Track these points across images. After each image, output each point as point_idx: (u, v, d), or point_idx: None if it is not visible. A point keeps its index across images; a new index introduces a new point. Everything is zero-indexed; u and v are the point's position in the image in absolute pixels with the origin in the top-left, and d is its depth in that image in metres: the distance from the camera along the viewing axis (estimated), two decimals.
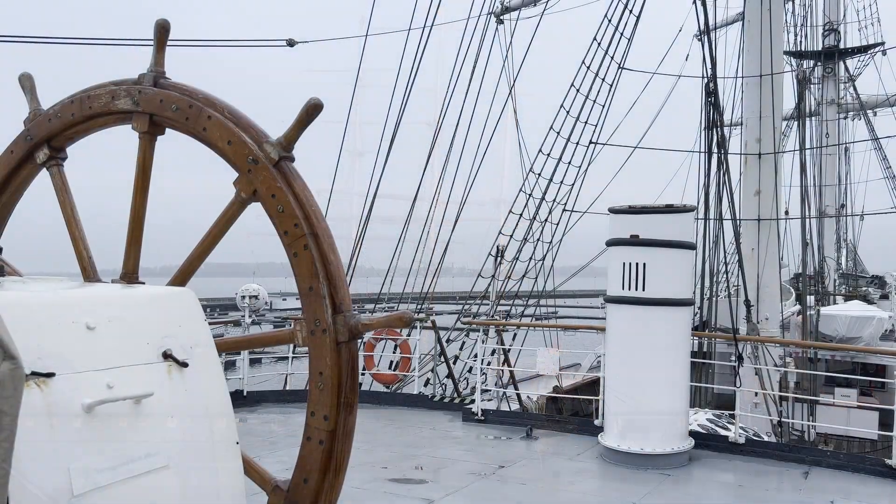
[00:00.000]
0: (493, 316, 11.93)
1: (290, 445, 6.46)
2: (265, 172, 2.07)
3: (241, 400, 8.27)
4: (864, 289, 26.69)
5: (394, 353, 9.68)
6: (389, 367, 9.77)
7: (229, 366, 9.87)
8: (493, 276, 11.96)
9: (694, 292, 8.98)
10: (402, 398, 8.67)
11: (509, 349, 10.66)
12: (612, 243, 6.20)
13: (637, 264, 5.95)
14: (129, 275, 2.33)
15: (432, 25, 11.06)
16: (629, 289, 5.99)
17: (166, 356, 1.79)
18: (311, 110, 2.05)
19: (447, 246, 13.25)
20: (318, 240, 2.04)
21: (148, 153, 2.31)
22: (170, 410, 1.77)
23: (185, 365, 1.82)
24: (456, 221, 13.25)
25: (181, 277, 2.26)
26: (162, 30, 2.28)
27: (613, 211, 6.22)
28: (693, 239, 6.45)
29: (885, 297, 25.51)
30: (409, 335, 8.95)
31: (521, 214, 12.21)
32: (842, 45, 24.37)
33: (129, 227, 2.33)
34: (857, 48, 24.88)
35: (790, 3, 17.73)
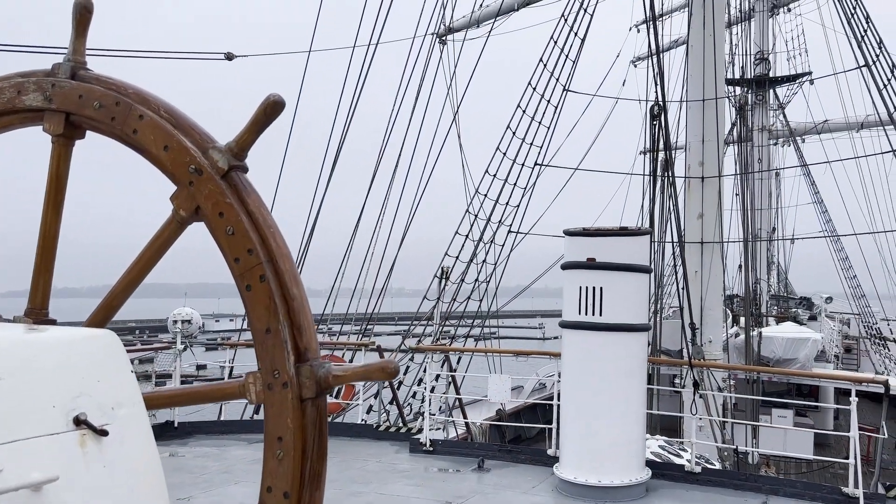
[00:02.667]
0: (437, 338, 11.67)
1: (226, 483, 6.00)
2: (211, 185, 1.63)
3: (171, 432, 7.75)
4: (794, 310, 27.49)
5: None
6: (332, 395, 9.37)
7: None
8: (438, 298, 11.70)
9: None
10: (345, 428, 8.27)
11: (455, 371, 10.40)
12: (567, 266, 6.00)
13: (593, 288, 5.76)
14: (37, 311, 1.83)
15: (377, 44, 10.81)
16: (585, 313, 5.79)
17: (79, 422, 1.37)
18: (270, 109, 1.60)
19: (392, 267, 12.98)
20: (278, 269, 1.61)
21: (63, 161, 1.83)
22: (83, 497, 1.33)
23: (104, 433, 1.41)
24: (401, 242, 13.00)
25: (102, 314, 1.78)
26: (83, 10, 1.81)
27: (568, 233, 6.03)
28: (647, 262, 6.32)
29: (813, 318, 26.34)
30: (351, 361, 8.59)
31: (466, 236, 12.00)
32: (772, 74, 25.25)
33: (37, 251, 1.84)
34: (786, 77, 25.81)
35: (726, 30, 18.20)
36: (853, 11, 10.34)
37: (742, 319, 16.03)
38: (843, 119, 25.34)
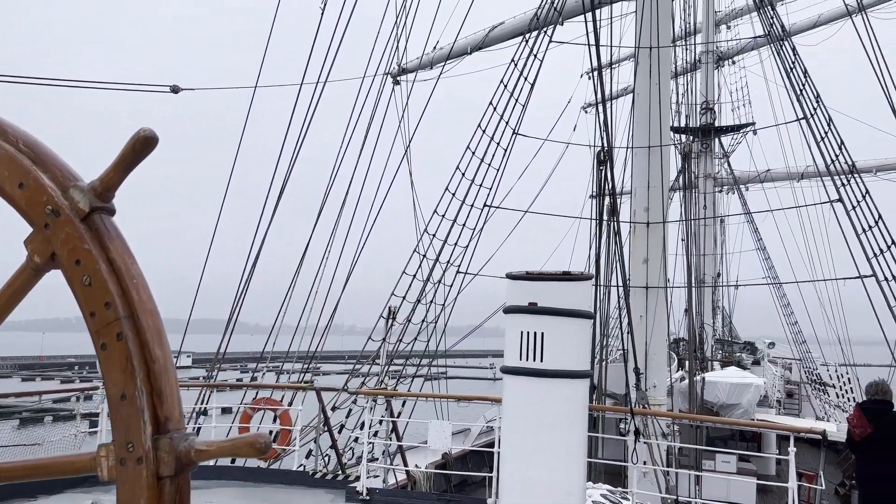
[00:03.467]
0: (382, 380, 11.43)
1: None
2: (68, 228, 1.42)
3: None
4: (738, 354, 27.94)
5: (274, 422, 8.97)
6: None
7: None
8: (384, 338, 11.49)
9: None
10: (280, 475, 7.96)
11: (399, 414, 10.17)
12: (509, 311, 5.90)
13: (535, 334, 5.66)
14: None
15: (326, 82, 10.74)
16: (526, 359, 5.68)
17: None
18: (140, 145, 1.38)
19: (336, 304, 12.75)
20: (140, 326, 1.40)
21: None
22: None
23: None
24: (347, 280, 12.80)
25: None
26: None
27: (511, 277, 5.94)
28: (590, 306, 6.27)
29: (756, 363, 26.80)
30: (290, 404, 8.30)
31: (414, 275, 11.87)
32: (717, 124, 26.03)
33: None
34: (730, 127, 26.63)
35: (672, 80, 18.69)
36: (792, 66, 10.68)
37: (687, 363, 16.16)
38: (784, 169, 26.19)
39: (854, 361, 25.70)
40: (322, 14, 10.81)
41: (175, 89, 10.73)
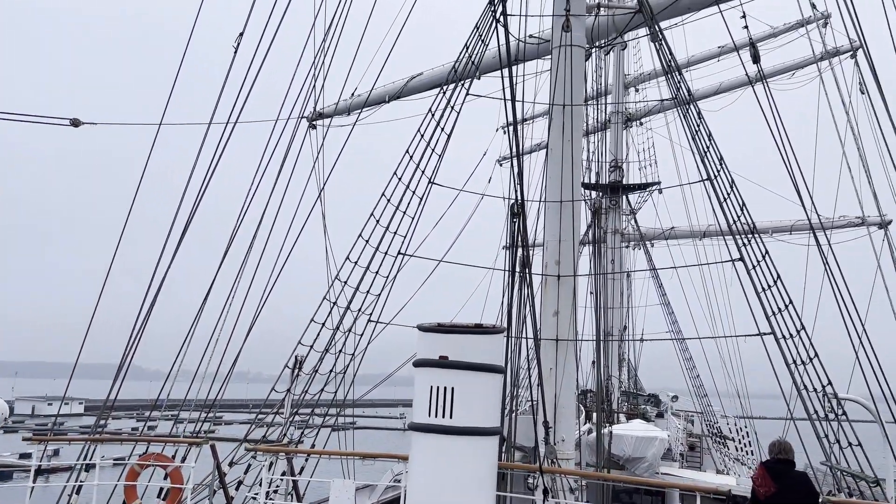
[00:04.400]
0: (285, 432, 10.94)
1: None
2: None
3: None
4: (642, 407, 28.52)
5: (164, 480, 8.36)
6: (159, 496, 8.39)
7: None
8: (289, 389, 11.03)
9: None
10: None
11: (301, 470, 9.71)
12: (419, 364, 5.70)
13: (445, 389, 5.47)
14: None
15: (236, 122, 10.43)
16: (435, 416, 5.47)
17: None
18: None
19: (240, 350, 12.22)
20: None
21: None
22: None
23: None
24: (252, 325, 12.31)
25: None
26: None
27: (422, 329, 5.76)
28: (502, 360, 6.14)
29: (660, 415, 27.42)
30: (183, 460, 7.76)
31: (323, 324, 11.51)
32: (625, 181, 26.99)
33: None
34: (637, 185, 27.64)
35: (584, 138, 19.25)
36: (697, 129, 11.10)
37: (595, 416, 16.28)
38: (688, 227, 27.27)
39: (752, 414, 26.65)
40: (235, 53, 10.56)
41: (75, 123, 10.18)
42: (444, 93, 12.31)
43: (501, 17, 10.18)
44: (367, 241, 11.64)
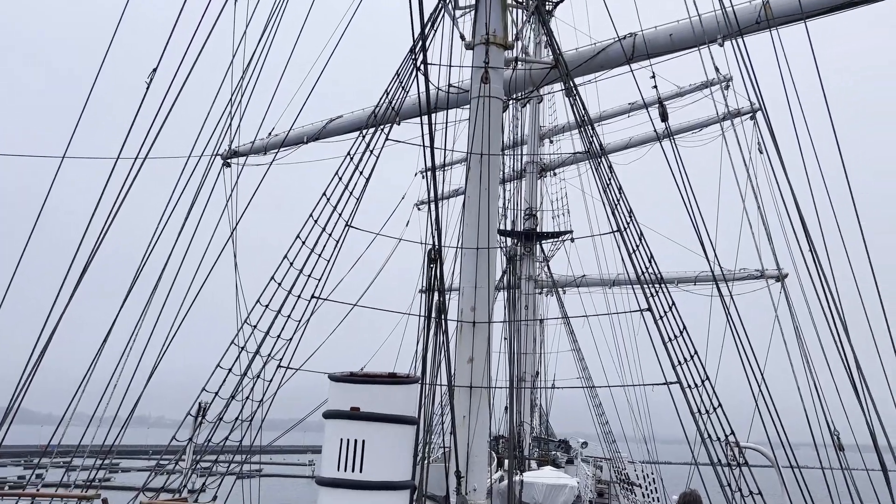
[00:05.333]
0: (185, 484, 10.39)
1: None
2: None
3: None
4: (553, 453, 28.75)
5: None
6: None
7: None
8: (190, 438, 10.52)
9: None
10: None
11: None
12: (329, 416, 5.52)
13: (355, 441, 5.31)
14: None
15: (145, 158, 10.07)
16: (345, 470, 5.28)
17: None
18: None
19: (141, 394, 11.61)
20: None
21: None
22: None
23: None
24: (154, 368, 11.74)
25: None
26: None
27: (333, 379, 5.60)
28: (416, 411, 6.02)
29: (570, 461, 27.69)
30: None
31: (230, 369, 11.09)
32: (539, 229, 27.58)
33: None
34: (551, 233, 28.29)
35: (500, 186, 19.58)
36: (608, 182, 11.43)
37: (506, 463, 16.27)
38: (598, 275, 28.00)
39: (658, 459, 27.23)
40: (147, 88, 10.25)
41: None
42: (364, 137, 12.30)
43: (422, 65, 10.30)
44: (279, 284, 11.36)
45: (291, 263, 11.96)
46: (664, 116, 11.62)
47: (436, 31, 12.09)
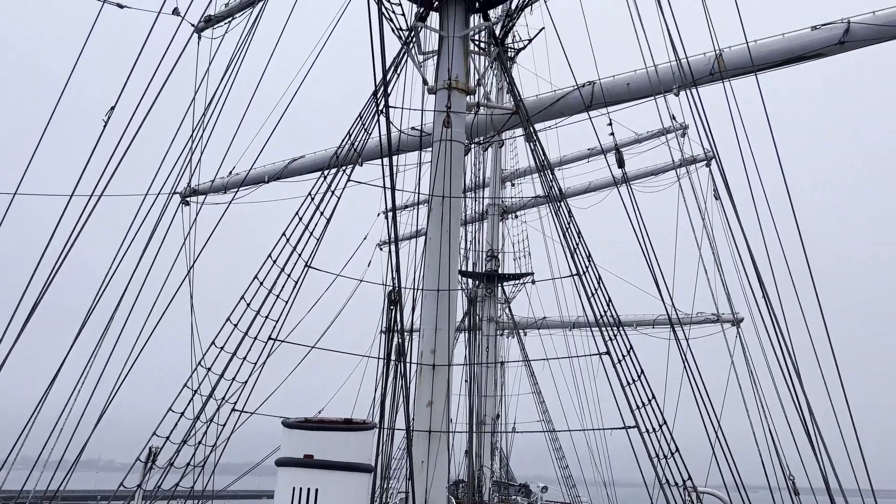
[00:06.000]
0: None
1: None
2: None
3: None
4: (513, 497, 28.44)
5: None
6: None
7: None
8: (139, 485, 10.18)
9: None
10: None
11: None
12: (281, 463, 5.39)
13: (308, 490, 5.19)
14: None
15: (101, 195, 9.89)
16: None
17: None
18: None
19: (89, 436, 11.23)
20: None
21: None
22: None
23: None
24: (104, 410, 11.40)
25: None
26: None
27: (286, 425, 5.49)
28: (371, 458, 5.91)
29: None
30: None
31: (182, 413, 10.80)
32: (500, 271, 27.68)
33: None
34: (512, 275, 28.40)
35: (462, 227, 19.67)
36: (567, 226, 11.55)
37: None
38: (559, 317, 28.14)
39: (617, 503, 27.15)
40: (104, 126, 10.13)
41: None
42: (325, 177, 12.29)
43: (384, 108, 10.37)
44: (235, 326, 11.16)
45: (248, 304, 11.76)
46: (621, 163, 11.86)
47: (399, 74, 12.23)
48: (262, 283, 11.92)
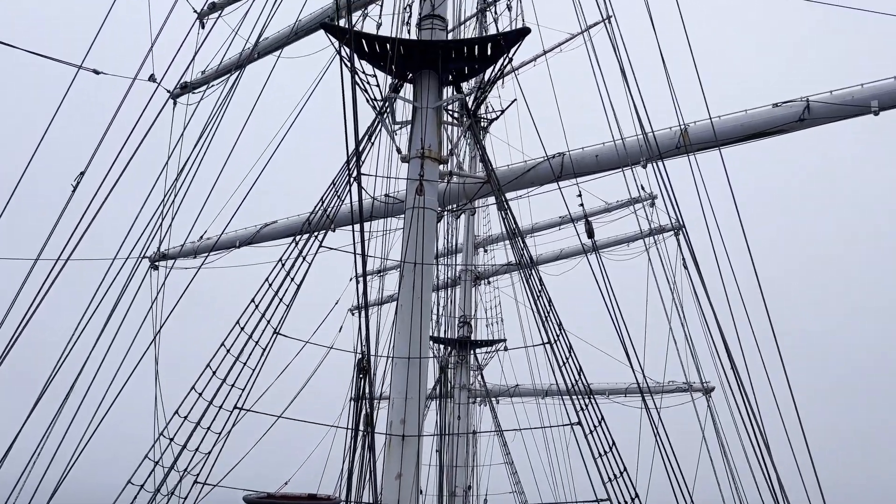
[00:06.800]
0: None
1: None
2: None
3: None
4: None
5: None
6: None
7: None
8: None
9: None
10: None
11: None
12: None
13: None
14: None
15: (67, 259, 9.76)
16: None
17: None
18: None
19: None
20: None
21: None
22: None
23: None
24: (60, 482, 10.97)
25: None
26: None
27: (248, 501, 5.32)
28: None
29: None
30: None
31: (142, 486, 10.42)
32: (473, 337, 27.55)
33: None
34: (484, 341, 28.26)
35: (434, 293, 19.65)
36: (539, 294, 11.60)
37: None
38: (531, 385, 27.95)
39: None
40: (73, 191, 10.08)
41: None
42: (297, 243, 12.26)
43: (357, 176, 10.46)
44: (199, 395, 10.92)
45: (214, 372, 11.52)
46: (591, 234, 12.02)
47: (373, 143, 12.38)
48: (228, 350, 11.70)
